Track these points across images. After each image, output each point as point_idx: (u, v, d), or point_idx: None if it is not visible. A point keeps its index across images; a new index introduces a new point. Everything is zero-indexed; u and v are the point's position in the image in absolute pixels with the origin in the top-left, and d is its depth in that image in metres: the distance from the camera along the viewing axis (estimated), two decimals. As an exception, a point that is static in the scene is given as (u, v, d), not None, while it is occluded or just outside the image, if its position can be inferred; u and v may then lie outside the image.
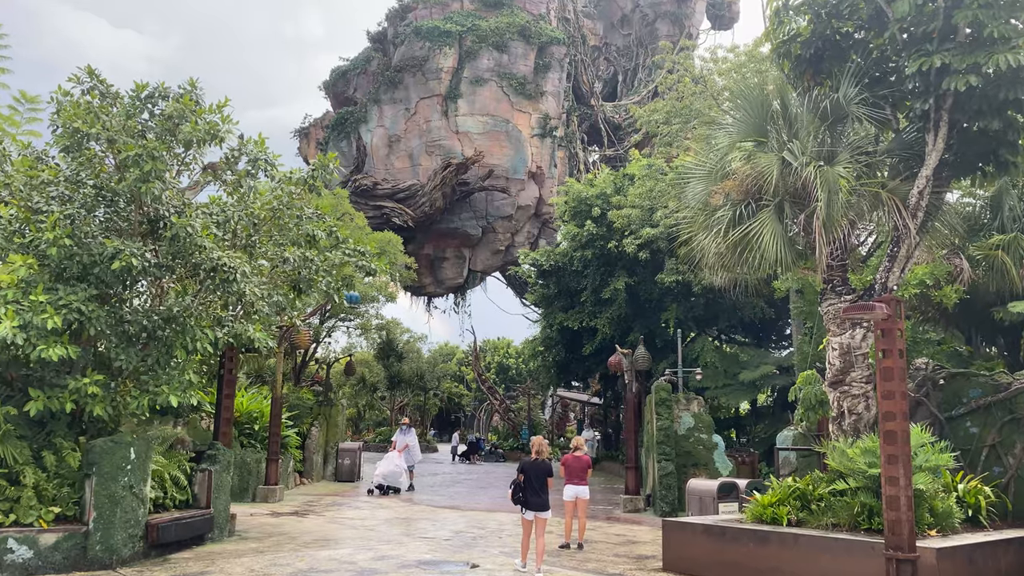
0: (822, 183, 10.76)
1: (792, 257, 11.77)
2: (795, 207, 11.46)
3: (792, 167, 11.07)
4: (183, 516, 12.45)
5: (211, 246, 10.92)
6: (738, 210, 11.51)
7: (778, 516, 10.93)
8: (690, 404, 19.79)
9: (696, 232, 12.32)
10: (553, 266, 27.98)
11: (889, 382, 8.88)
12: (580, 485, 13.77)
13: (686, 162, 12.88)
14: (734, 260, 11.60)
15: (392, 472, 21.80)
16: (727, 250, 11.55)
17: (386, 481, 21.69)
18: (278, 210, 12.57)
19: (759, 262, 11.55)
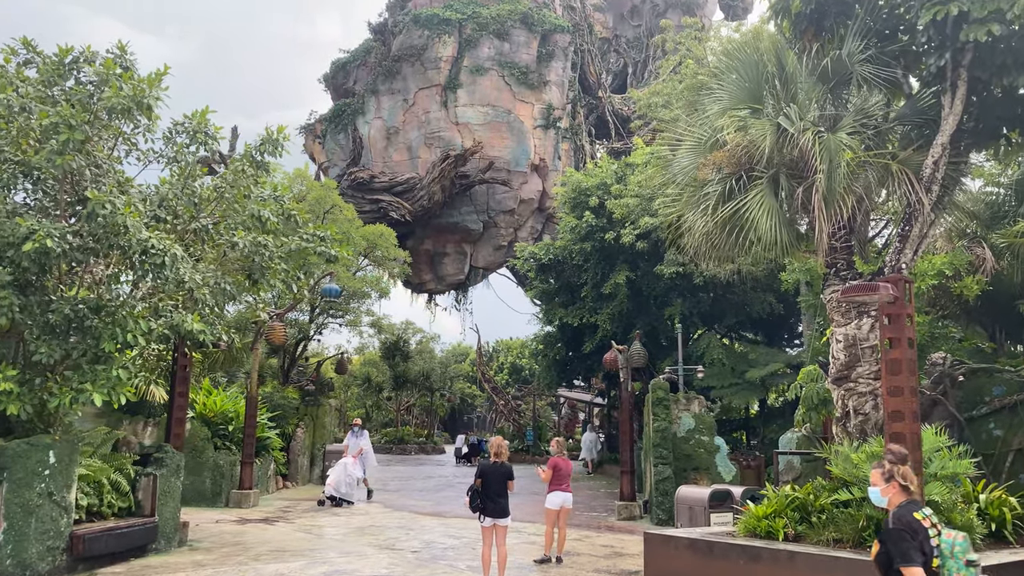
0: (822, 152, 9.47)
1: (791, 238, 10.48)
2: (793, 180, 10.16)
3: (789, 134, 9.79)
4: (118, 526, 11.34)
5: (136, 225, 9.76)
6: (728, 184, 10.23)
7: (774, 529, 9.63)
8: (690, 404, 18.49)
9: (684, 210, 11.04)
10: (552, 260, 26.73)
11: (896, 376, 7.58)
12: (568, 492, 12.58)
13: (673, 132, 11.56)
14: (724, 240, 10.31)
15: (342, 481, 19.32)
16: (716, 228, 10.27)
17: (337, 492, 19.18)
18: (222, 189, 11.41)
19: (753, 243, 10.27)
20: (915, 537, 4.37)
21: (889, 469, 4.72)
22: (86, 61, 10.44)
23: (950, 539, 4.41)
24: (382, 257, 27.20)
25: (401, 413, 56.12)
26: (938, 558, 4.39)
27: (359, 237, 25.96)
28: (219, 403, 19.88)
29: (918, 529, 4.43)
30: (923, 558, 4.35)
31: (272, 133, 11.79)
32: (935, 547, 4.43)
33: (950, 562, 4.33)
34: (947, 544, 4.43)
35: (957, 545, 4.38)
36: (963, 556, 4.31)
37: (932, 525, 4.52)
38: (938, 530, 4.51)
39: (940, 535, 4.49)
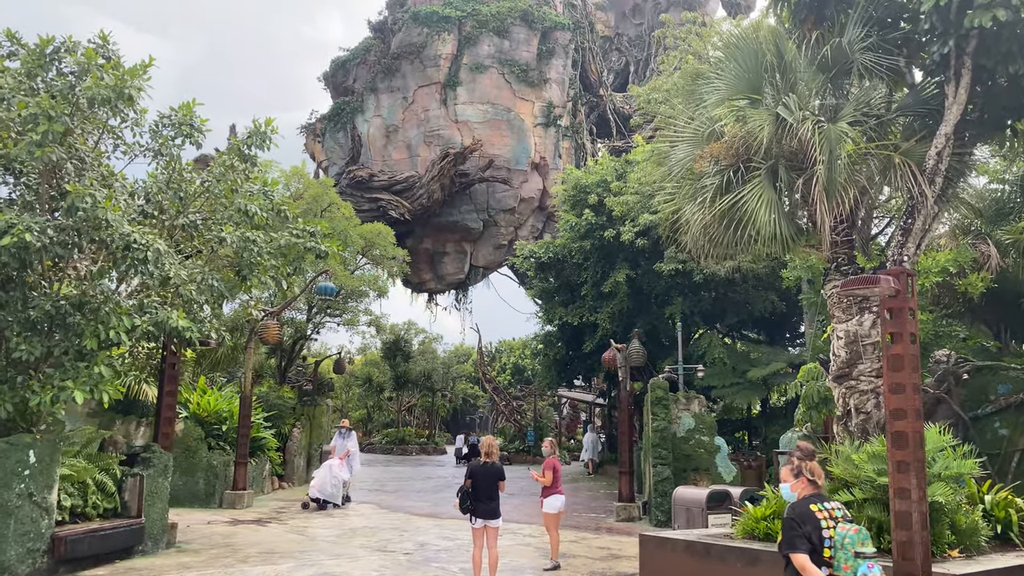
0: (822, 142, 9.19)
1: (790, 232, 10.19)
2: (792, 172, 9.88)
3: (788, 125, 9.51)
4: (102, 527, 11.10)
5: (117, 219, 9.52)
6: (726, 176, 9.95)
7: (772, 531, 9.33)
8: (690, 403, 18.21)
9: (680, 204, 10.76)
10: (552, 258, 26.45)
11: (898, 373, 7.30)
12: (563, 494, 12.26)
13: (670, 124, 11.26)
14: (722, 234, 10.02)
15: (327, 483, 18.74)
16: (714, 222, 9.98)
17: (321, 494, 18.60)
18: (209, 183, 11.16)
19: (752, 237, 9.99)
20: (803, 527, 4.56)
21: (797, 465, 4.91)
22: (67, 51, 10.20)
23: (843, 531, 4.54)
24: (380, 256, 26.94)
25: (402, 413, 55.86)
26: (830, 548, 4.53)
27: (357, 235, 25.72)
28: (213, 403, 19.64)
29: (808, 519, 4.61)
30: (809, 546, 4.52)
31: (260, 126, 11.54)
32: (828, 538, 4.56)
33: (840, 553, 4.46)
34: (839, 536, 4.55)
35: (848, 537, 4.50)
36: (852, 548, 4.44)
37: (830, 517, 4.66)
38: (835, 522, 4.65)
39: (835, 527, 4.62)
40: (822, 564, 4.55)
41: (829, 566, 4.56)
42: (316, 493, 18.65)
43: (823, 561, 4.55)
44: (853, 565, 4.44)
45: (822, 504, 4.74)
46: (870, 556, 4.51)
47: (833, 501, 4.85)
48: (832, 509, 4.75)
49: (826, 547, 4.57)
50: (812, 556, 4.54)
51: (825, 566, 4.55)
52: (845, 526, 4.62)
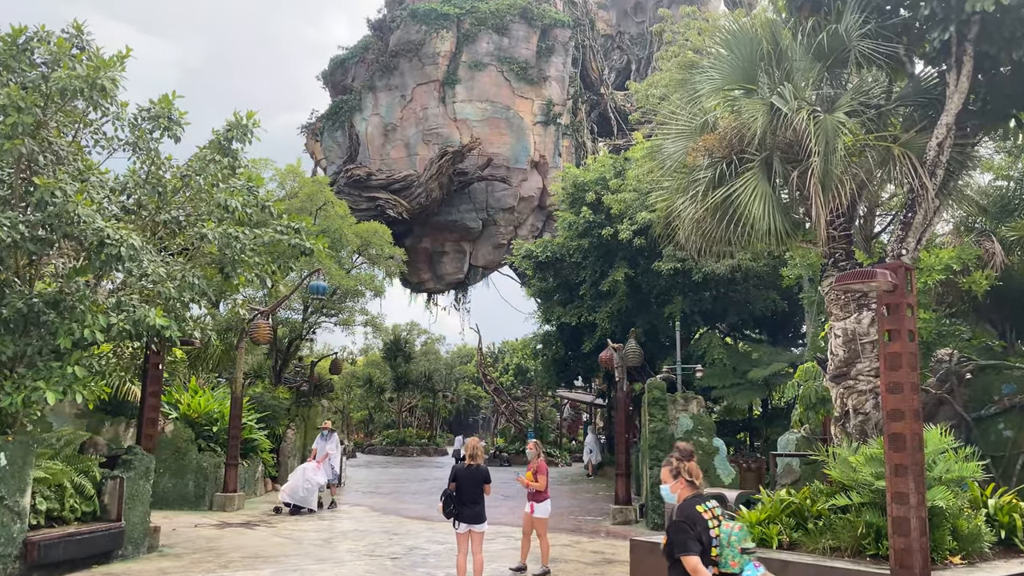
0: (818, 132, 8.86)
1: (786, 226, 9.86)
2: (787, 165, 9.55)
3: (783, 115, 9.18)
4: (79, 531, 10.79)
5: (89, 214, 9.22)
6: (719, 168, 9.62)
7: (767, 536, 9.01)
8: (688, 404, 17.82)
9: (673, 198, 10.43)
10: (550, 258, 26.10)
11: (896, 371, 6.96)
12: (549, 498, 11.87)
13: (662, 114, 10.93)
14: (715, 228, 9.69)
15: (299, 487, 17.83)
16: (707, 215, 9.66)
17: (292, 498, 17.71)
18: (189, 177, 10.86)
19: (747, 231, 9.66)
20: (693, 528, 4.60)
21: (676, 467, 4.96)
22: (40, 41, 9.90)
23: (728, 529, 4.62)
24: (377, 255, 26.63)
25: (403, 414, 55.60)
26: (716, 547, 4.60)
27: (352, 234, 25.42)
28: (204, 403, 19.34)
29: (697, 521, 4.65)
30: (700, 547, 4.57)
31: (241, 119, 11.23)
32: (715, 537, 4.66)
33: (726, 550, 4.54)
34: (725, 534, 4.63)
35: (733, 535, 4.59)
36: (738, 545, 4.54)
37: (714, 517, 4.75)
38: (719, 521, 4.73)
39: (720, 526, 4.70)
40: (709, 563, 4.63)
41: (716, 565, 4.63)
42: (286, 497, 17.91)
43: (711, 560, 4.64)
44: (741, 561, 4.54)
45: (705, 504, 4.79)
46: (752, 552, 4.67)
47: (712, 500, 4.91)
48: (713, 508, 4.84)
49: (713, 546, 4.64)
50: (701, 557, 4.60)
51: (712, 565, 4.62)
52: (729, 524, 4.70)
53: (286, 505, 17.82)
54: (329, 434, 19.48)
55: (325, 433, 19.51)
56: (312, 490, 17.99)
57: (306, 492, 17.90)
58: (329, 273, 23.96)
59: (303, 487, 17.85)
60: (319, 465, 18.52)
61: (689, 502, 4.81)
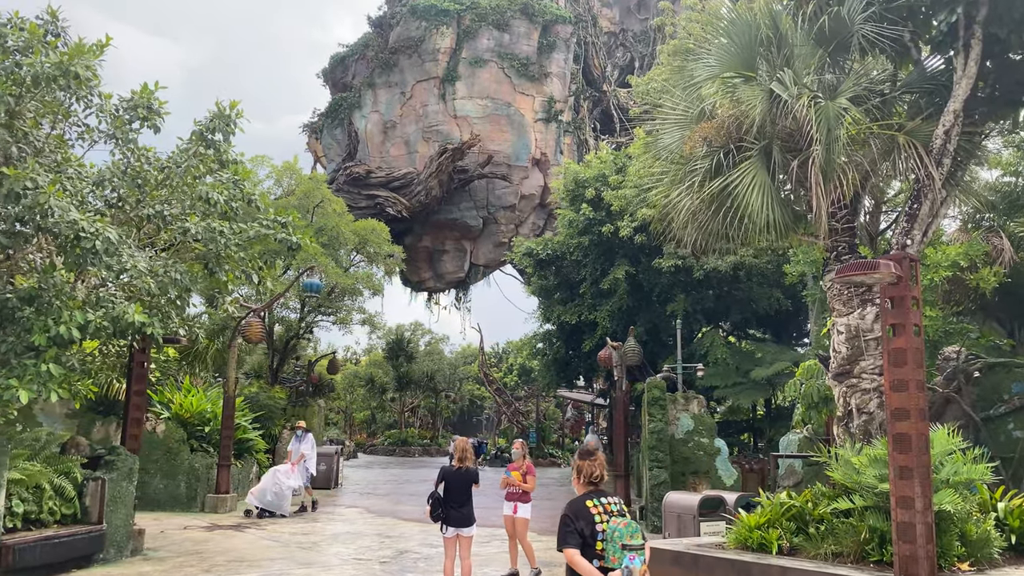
0: (819, 119, 8.48)
1: (786, 218, 9.49)
2: (787, 154, 9.17)
3: (782, 102, 8.80)
4: (57, 534, 10.47)
5: (62, 206, 8.89)
6: (716, 158, 9.24)
7: (767, 541, 8.61)
8: (689, 404, 17.46)
9: (668, 189, 10.06)
10: (550, 255, 25.74)
11: (900, 368, 6.58)
12: None
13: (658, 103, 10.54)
14: (711, 219, 9.32)
15: (267, 490, 17.03)
16: (703, 207, 9.28)
17: (260, 503, 16.91)
18: (170, 170, 10.53)
19: (746, 224, 9.28)
20: (576, 522, 4.82)
21: (578, 465, 5.16)
22: (13, 28, 9.58)
23: (614, 525, 4.75)
24: (375, 253, 26.31)
25: (405, 415, 55.29)
26: (602, 541, 4.76)
27: (349, 232, 25.11)
28: (196, 403, 19.04)
29: (582, 515, 4.86)
30: (580, 541, 4.77)
31: (224, 108, 10.89)
32: (601, 532, 4.81)
33: (609, 545, 4.69)
34: (611, 530, 4.76)
35: (617, 531, 4.70)
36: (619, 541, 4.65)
37: (604, 512, 4.90)
38: (608, 517, 4.87)
39: (607, 522, 4.83)
40: (594, 557, 4.78)
41: (601, 558, 4.77)
42: (255, 500, 17.04)
43: (595, 554, 4.78)
44: (620, 556, 4.64)
45: (598, 500, 4.96)
46: (636, 548, 4.68)
47: (611, 497, 5.07)
48: (608, 504, 4.98)
49: (599, 540, 4.79)
50: (585, 550, 4.78)
51: (597, 558, 4.77)
52: (616, 520, 4.82)
53: (256, 509, 17.01)
54: (304, 434, 18.70)
55: (300, 433, 18.70)
56: (283, 494, 17.22)
57: (274, 497, 17.12)
58: (326, 271, 23.67)
59: (272, 490, 17.08)
60: (293, 467, 17.83)
61: (580, 497, 5.02)
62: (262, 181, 26.33)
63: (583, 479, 5.04)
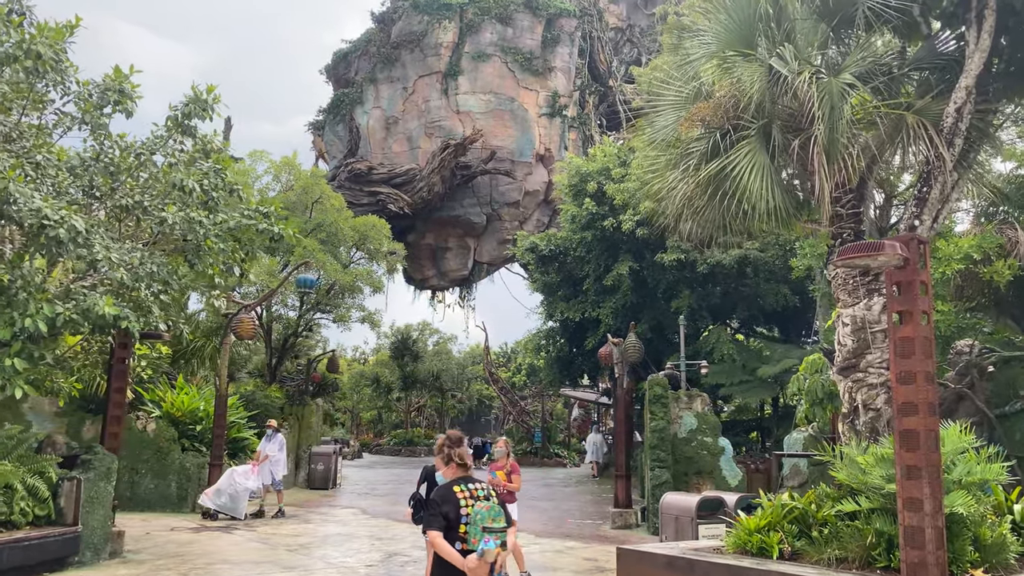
0: (822, 96, 7.97)
1: (787, 203, 8.98)
2: (788, 134, 8.66)
3: (782, 79, 8.30)
4: (28, 536, 10.05)
5: (25, 192, 8.47)
6: (713, 139, 8.74)
7: (767, 545, 8.09)
8: (692, 402, 16.93)
9: (663, 172, 9.56)
10: (553, 251, 25.24)
11: (908, 359, 6.07)
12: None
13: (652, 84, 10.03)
14: (706, 204, 8.81)
15: (222, 491, 16.00)
16: (699, 191, 8.78)
17: (212, 503, 15.89)
18: (143, 155, 10.10)
19: (744, 209, 8.78)
20: (441, 507, 4.93)
21: (447, 453, 5.24)
22: (-25, 8, 9.17)
23: (477, 509, 4.89)
24: (375, 250, 25.87)
25: (411, 414, 54.84)
26: (466, 525, 4.89)
27: (349, 228, 24.68)
28: (188, 401, 18.63)
29: (447, 499, 4.97)
30: (444, 523, 4.88)
31: (200, 93, 10.45)
32: (465, 515, 4.93)
33: (471, 528, 4.84)
34: (474, 513, 4.89)
35: (479, 514, 4.85)
36: (481, 523, 4.79)
37: (471, 496, 5.00)
38: (473, 501, 4.98)
39: (472, 506, 4.94)
40: (457, 539, 4.88)
41: (464, 541, 4.88)
42: (207, 501, 16.00)
43: (458, 537, 4.90)
44: (480, 538, 4.77)
45: (465, 485, 5.07)
46: (497, 531, 4.82)
47: (478, 482, 5.17)
48: (475, 489, 5.09)
49: (463, 523, 4.91)
50: (450, 532, 4.87)
51: (460, 540, 4.88)
52: (481, 504, 4.95)
53: (205, 511, 16.06)
54: (273, 434, 17.55)
55: (270, 433, 17.55)
56: (238, 496, 16.16)
57: (228, 499, 16.07)
58: (324, 268, 23.25)
59: (227, 492, 16.13)
60: (255, 468, 16.74)
61: (449, 483, 5.13)
62: (261, 176, 25.96)
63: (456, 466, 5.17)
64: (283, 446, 17.78)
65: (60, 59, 9.65)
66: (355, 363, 61.31)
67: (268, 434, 17.62)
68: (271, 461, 17.20)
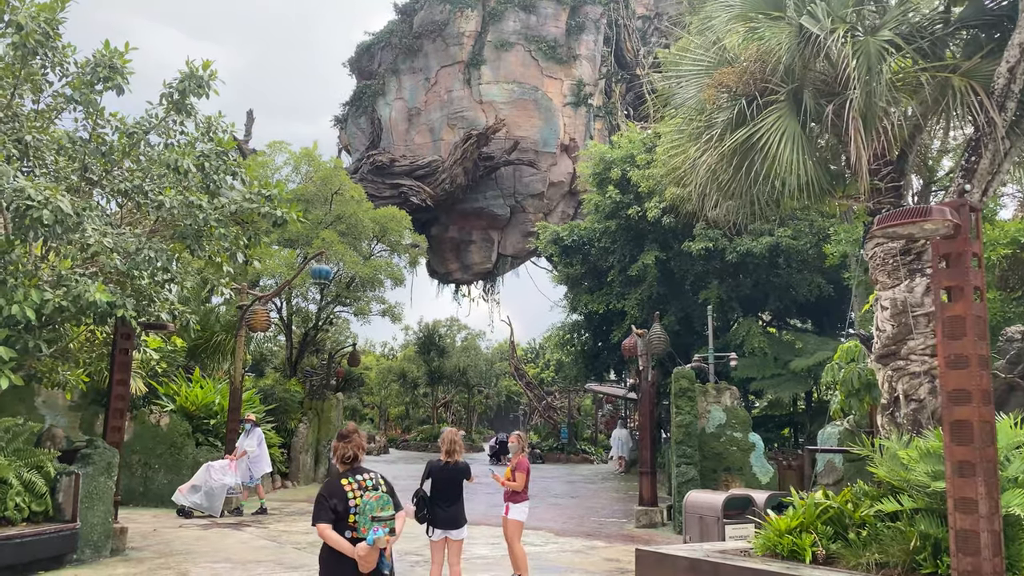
0: (858, 55, 7.25)
1: (823, 178, 8.26)
2: (821, 100, 7.94)
3: (814, 39, 7.58)
4: (22, 533, 9.65)
5: (6, 171, 8.03)
6: (739, 105, 8.05)
7: (799, 548, 7.43)
8: (721, 395, 16.20)
9: (685, 146, 8.89)
10: (576, 242, 24.57)
11: (958, 341, 5.36)
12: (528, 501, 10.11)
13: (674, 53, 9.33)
14: (734, 179, 8.12)
15: (198, 488, 15.17)
16: (724, 163, 8.09)
17: (186, 500, 15.07)
18: (136, 135, 9.64)
19: (772, 182, 8.08)
20: (329, 500, 5.09)
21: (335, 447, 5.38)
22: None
23: (366, 499, 5.06)
24: (396, 242, 25.40)
25: (438, 410, 54.46)
26: (355, 515, 5.04)
27: (368, 220, 24.22)
28: (202, 395, 18.28)
29: (334, 493, 5.12)
30: (332, 516, 5.04)
31: (196, 69, 9.96)
32: (354, 506, 5.08)
33: (360, 518, 5.01)
34: (363, 504, 5.06)
35: (368, 504, 5.03)
36: (370, 513, 4.99)
37: (359, 487, 5.15)
38: (362, 492, 5.12)
39: (361, 497, 5.10)
40: (347, 529, 5.03)
41: (355, 530, 5.02)
42: (180, 499, 15.16)
43: (348, 527, 5.04)
44: (369, 527, 4.94)
45: (353, 477, 5.22)
46: (385, 519, 5.00)
47: (368, 473, 5.31)
48: (363, 480, 5.23)
49: (352, 514, 5.05)
50: (340, 524, 5.01)
51: (350, 530, 5.02)
52: (369, 494, 5.10)
53: (180, 509, 15.29)
54: (252, 428, 16.53)
55: (248, 427, 16.51)
56: (214, 493, 15.30)
57: (205, 496, 15.24)
58: (344, 260, 22.82)
59: (203, 490, 15.31)
60: (232, 464, 15.78)
61: (337, 476, 5.28)
62: (280, 168, 25.62)
63: (338, 459, 5.35)
64: (262, 441, 16.70)
65: (50, 35, 9.20)
66: (383, 359, 61.11)
67: (246, 428, 16.52)
68: (250, 458, 16.30)
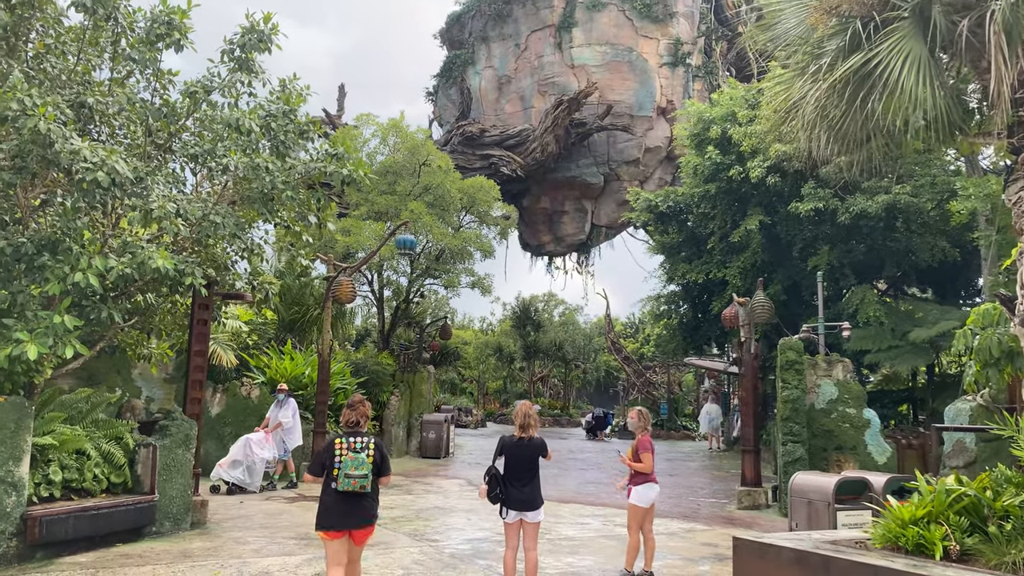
0: (1002, -44, 6.02)
1: (953, 110, 7.03)
2: (953, 17, 6.71)
3: (946, -59, 6.37)
4: (98, 505, 9.53)
5: (58, 130, 7.72)
6: (852, 27, 6.91)
7: (927, 542, 6.37)
8: (832, 369, 14.90)
9: (791, 83, 7.79)
10: (672, 208, 23.35)
11: None
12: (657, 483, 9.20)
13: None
14: (845, 115, 7.00)
15: (239, 461, 14.77)
16: (834, 96, 6.98)
17: (228, 476, 14.58)
18: (196, 94, 9.24)
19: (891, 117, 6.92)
20: (322, 456, 6.40)
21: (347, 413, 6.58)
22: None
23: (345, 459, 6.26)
24: (484, 212, 24.82)
25: (535, 384, 54.09)
26: (337, 469, 6.24)
27: (456, 190, 23.70)
28: (291, 368, 18.21)
29: (327, 449, 6.38)
30: (322, 468, 6.36)
31: (256, 23, 9.46)
32: (339, 462, 6.26)
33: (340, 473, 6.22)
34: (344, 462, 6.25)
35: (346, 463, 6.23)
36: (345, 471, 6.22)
37: (348, 448, 6.32)
38: (347, 452, 6.29)
39: (344, 456, 6.27)
40: (332, 480, 6.27)
41: (336, 481, 6.23)
42: (223, 474, 14.63)
43: (332, 478, 6.27)
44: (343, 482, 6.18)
45: (347, 439, 6.38)
46: (357, 477, 6.20)
47: (361, 437, 6.45)
48: (354, 443, 6.37)
49: (335, 468, 6.25)
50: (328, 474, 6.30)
51: (333, 481, 6.25)
52: (350, 455, 6.26)
53: (224, 483, 14.63)
54: (286, 399, 15.93)
55: (281, 398, 15.91)
56: (255, 468, 14.93)
57: (245, 472, 14.82)
58: (431, 231, 22.42)
59: (245, 464, 14.86)
60: (268, 436, 15.40)
61: (334, 435, 6.51)
62: (368, 140, 25.40)
63: (343, 422, 6.53)
64: (296, 412, 16.15)
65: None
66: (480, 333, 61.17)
67: (279, 399, 15.95)
68: (284, 429, 15.83)
